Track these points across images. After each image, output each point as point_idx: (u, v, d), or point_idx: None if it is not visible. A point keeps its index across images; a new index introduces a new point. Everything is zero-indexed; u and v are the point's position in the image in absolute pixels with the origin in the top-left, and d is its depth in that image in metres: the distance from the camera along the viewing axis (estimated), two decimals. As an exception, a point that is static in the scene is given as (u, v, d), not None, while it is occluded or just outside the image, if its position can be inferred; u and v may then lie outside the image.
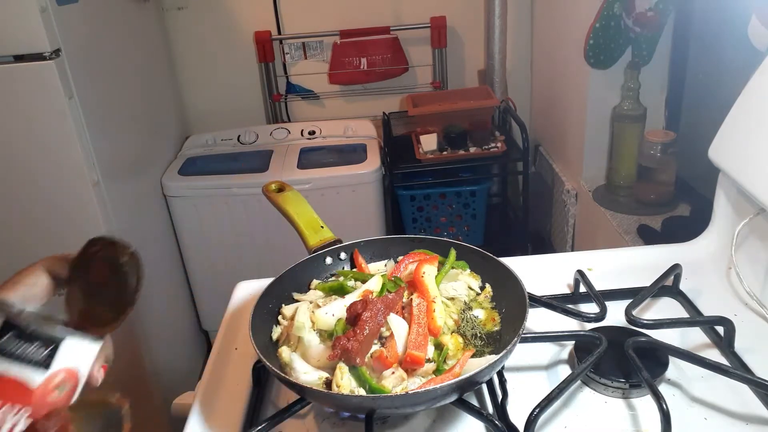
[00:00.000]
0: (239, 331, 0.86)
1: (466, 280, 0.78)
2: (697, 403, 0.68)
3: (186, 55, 2.15)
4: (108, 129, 1.51)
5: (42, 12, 1.26)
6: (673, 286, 0.86)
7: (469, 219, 2.00)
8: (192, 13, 2.10)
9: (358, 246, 0.84)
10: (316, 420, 0.70)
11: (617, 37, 1.53)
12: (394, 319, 0.69)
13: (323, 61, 2.18)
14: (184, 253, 1.93)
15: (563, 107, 1.90)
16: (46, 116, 1.34)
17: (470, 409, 0.66)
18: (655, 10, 1.46)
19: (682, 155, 1.48)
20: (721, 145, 0.89)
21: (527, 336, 0.74)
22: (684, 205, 1.51)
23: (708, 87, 1.47)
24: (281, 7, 2.10)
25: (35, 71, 1.30)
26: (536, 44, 2.15)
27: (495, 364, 0.62)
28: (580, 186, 1.76)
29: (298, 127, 2.09)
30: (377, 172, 1.86)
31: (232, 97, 2.23)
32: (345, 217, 1.83)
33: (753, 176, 0.81)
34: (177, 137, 2.09)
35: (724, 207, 0.92)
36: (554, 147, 2.05)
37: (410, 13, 2.11)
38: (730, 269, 0.88)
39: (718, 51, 1.41)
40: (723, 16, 1.36)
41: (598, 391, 0.71)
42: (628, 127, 1.57)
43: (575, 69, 1.71)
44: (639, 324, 0.75)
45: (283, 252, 1.01)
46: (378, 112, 2.15)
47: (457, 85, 2.24)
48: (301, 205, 0.86)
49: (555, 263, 0.97)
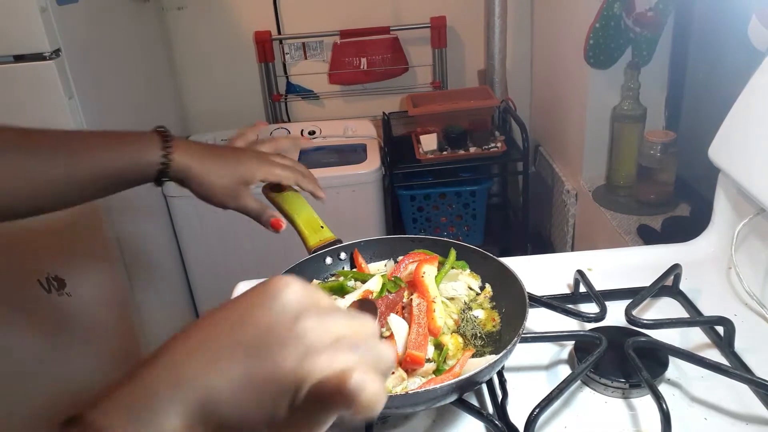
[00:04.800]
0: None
1: (465, 280, 0.78)
2: (697, 403, 0.68)
3: (186, 55, 2.15)
4: (108, 129, 1.51)
5: (42, 12, 1.26)
6: (673, 286, 0.86)
7: (469, 219, 2.00)
8: (192, 13, 2.10)
9: (358, 246, 0.84)
10: (316, 420, 0.70)
11: (617, 37, 1.53)
12: (394, 319, 0.69)
13: (323, 61, 2.18)
14: (184, 253, 1.93)
15: (563, 107, 1.90)
16: (46, 116, 1.34)
17: (470, 409, 0.66)
18: (655, 10, 1.46)
19: (682, 155, 1.48)
20: (721, 145, 0.89)
21: (527, 336, 0.73)
22: (684, 205, 1.51)
23: (708, 87, 1.47)
24: (281, 7, 2.10)
25: (35, 71, 1.30)
26: (536, 44, 2.15)
27: (495, 364, 0.62)
28: (580, 186, 1.76)
29: (298, 127, 2.09)
30: (377, 172, 1.86)
31: (232, 97, 2.23)
32: (345, 217, 1.83)
33: (753, 176, 0.82)
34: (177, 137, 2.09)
35: (724, 207, 0.92)
36: (554, 147, 2.05)
37: (410, 13, 2.11)
38: (730, 269, 0.88)
39: (718, 51, 1.41)
40: (723, 16, 1.36)
41: (598, 391, 0.71)
42: (628, 127, 1.57)
43: (575, 69, 1.71)
44: (639, 324, 0.75)
45: (283, 252, 1.02)
46: (378, 112, 2.15)
47: (457, 85, 2.24)
48: (301, 205, 0.86)
49: (555, 263, 0.97)
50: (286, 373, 0.34)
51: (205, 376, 0.34)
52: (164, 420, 0.32)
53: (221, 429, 0.34)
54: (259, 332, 0.35)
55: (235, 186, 0.78)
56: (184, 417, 0.33)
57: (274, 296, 0.37)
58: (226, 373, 0.34)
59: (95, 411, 0.33)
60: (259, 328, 0.35)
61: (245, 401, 0.34)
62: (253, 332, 0.35)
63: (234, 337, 0.35)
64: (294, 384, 0.34)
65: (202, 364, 0.34)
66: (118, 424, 0.32)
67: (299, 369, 0.34)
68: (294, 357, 0.34)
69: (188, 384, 0.34)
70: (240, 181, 0.78)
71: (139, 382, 0.34)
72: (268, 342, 0.35)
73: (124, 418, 0.32)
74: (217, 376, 0.34)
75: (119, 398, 0.33)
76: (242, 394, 0.34)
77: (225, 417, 0.34)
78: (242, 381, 0.34)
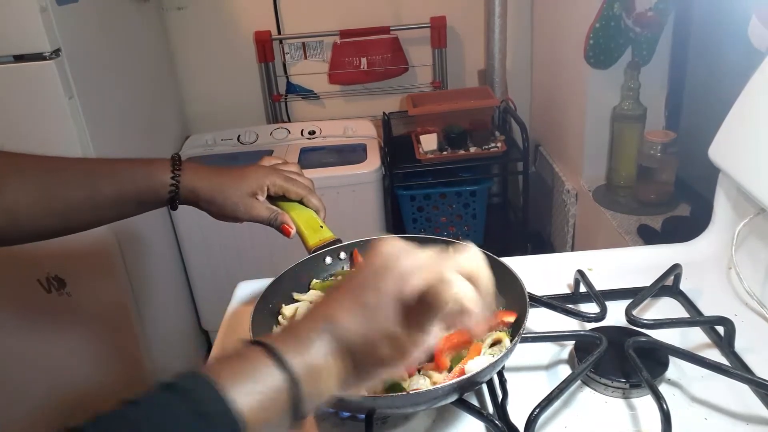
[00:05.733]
0: (239, 331, 0.86)
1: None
2: (697, 403, 0.68)
3: (186, 55, 2.15)
4: (108, 129, 1.51)
5: (42, 12, 1.26)
6: (673, 286, 0.86)
7: (469, 219, 2.00)
8: (192, 13, 2.10)
9: (357, 246, 0.84)
10: (316, 420, 0.70)
11: (617, 37, 1.53)
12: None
13: (323, 61, 2.18)
14: (185, 253, 1.93)
15: (563, 107, 1.90)
16: (46, 116, 1.33)
17: (470, 409, 0.66)
18: (655, 10, 1.46)
19: (682, 155, 1.48)
20: (721, 145, 0.89)
21: (527, 336, 0.74)
22: (684, 205, 1.51)
23: (708, 87, 1.47)
24: (281, 7, 2.10)
25: (35, 71, 1.29)
26: (536, 44, 2.15)
27: (495, 364, 0.62)
28: (580, 186, 1.76)
29: (298, 127, 2.09)
30: (377, 172, 1.86)
31: (232, 97, 2.23)
32: (345, 217, 1.83)
33: (753, 176, 0.82)
34: (177, 137, 2.09)
35: (724, 207, 0.92)
36: (554, 147, 2.05)
37: (410, 13, 2.11)
38: (730, 269, 0.88)
39: (718, 51, 1.41)
40: (723, 16, 1.36)
41: (598, 391, 0.71)
42: (628, 127, 1.57)
43: (575, 69, 1.71)
44: (639, 324, 0.75)
45: (283, 252, 1.01)
46: (378, 112, 2.15)
47: (457, 85, 2.23)
48: (300, 205, 0.86)
49: (555, 263, 0.97)
50: (389, 296, 0.47)
51: (336, 312, 0.48)
52: (319, 346, 0.47)
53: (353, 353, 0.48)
54: (370, 277, 0.49)
55: (245, 200, 0.80)
56: (330, 344, 0.47)
57: (376, 252, 0.50)
58: (350, 309, 0.48)
59: (270, 339, 0.47)
60: (368, 275, 0.49)
61: (361, 325, 0.48)
62: (365, 279, 0.50)
63: (354, 284, 0.50)
64: (398, 302, 0.47)
65: (335, 303, 0.49)
66: (288, 347, 0.46)
67: (397, 290, 0.47)
68: (392, 283, 0.48)
69: (325, 318, 0.48)
70: (248, 194, 0.81)
71: (303, 322, 0.49)
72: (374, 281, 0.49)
73: (291, 342, 0.47)
74: (344, 310, 0.48)
75: (289, 331, 0.49)
76: (359, 321, 0.48)
77: (353, 344, 0.47)
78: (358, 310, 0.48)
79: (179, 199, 0.80)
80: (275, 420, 0.44)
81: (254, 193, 0.81)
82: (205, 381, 0.42)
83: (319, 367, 0.46)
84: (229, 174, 0.82)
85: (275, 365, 0.44)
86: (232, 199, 0.80)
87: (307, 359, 0.46)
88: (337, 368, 0.47)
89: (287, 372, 0.44)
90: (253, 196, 0.81)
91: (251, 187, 0.81)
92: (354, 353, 0.48)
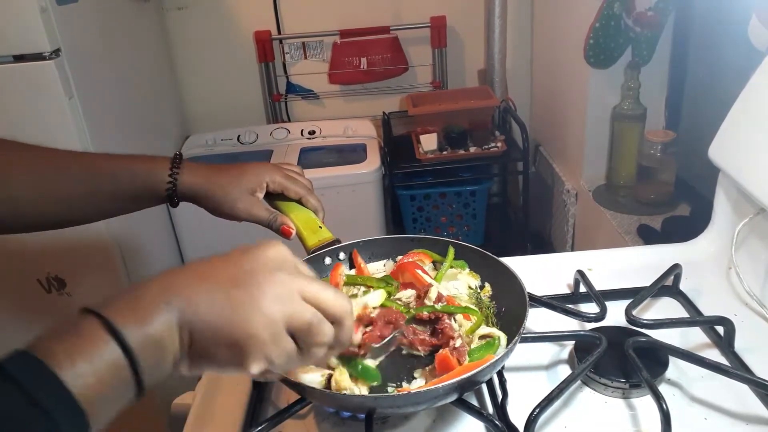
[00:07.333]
0: (239, 331, 0.86)
1: (465, 280, 0.78)
2: (697, 403, 0.68)
3: (186, 55, 2.15)
4: (108, 129, 1.51)
5: (42, 12, 1.26)
6: (673, 286, 0.86)
7: (469, 219, 2.00)
8: (192, 13, 2.10)
9: (356, 246, 0.84)
10: (316, 420, 0.70)
11: (617, 37, 1.53)
12: None
13: (323, 61, 2.18)
14: (185, 253, 1.93)
15: (563, 107, 1.90)
16: (46, 116, 1.33)
17: (470, 409, 0.66)
18: (655, 10, 1.46)
19: (682, 155, 1.48)
20: (721, 145, 0.89)
21: (527, 336, 0.73)
22: (684, 205, 1.51)
23: (708, 87, 1.47)
24: (281, 6, 2.10)
25: (35, 71, 1.29)
26: (536, 44, 2.15)
27: (495, 364, 0.62)
28: (580, 186, 1.76)
29: (298, 127, 2.09)
30: (377, 171, 1.86)
31: (232, 97, 2.22)
32: (345, 217, 1.83)
33: (753, 176, 0.82)
34: (177, 137, 2.09)
35: (724, 207, 0.92)
36: (554, 147, 2.05)
37: (410, 13, 2.11)
38: (730, 269, 0.88)
39: (718, 51, 1.40)
40: (723, 16, 1.36)
41: (598, 391, 0.71)
42: (628, 126, 1.57)
43: (575, 69, 1.71)
44: (639, 324, 0.75)
45: (283, 252, 1.02)
46: (378, 112, 2.15)
47: (457, 85, 2.23)
48: (299, 205, 0.86)
49: (555, 263, 0.97)
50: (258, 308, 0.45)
51: (190, 288, 0.45)
52: (156, 317, 0.43)
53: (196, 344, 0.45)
54: (243, 272, 0.47)
55: (244, 198, 0.80)
56: (170, 317, 0.44)
57: (261, 251, 0.48)
58: (208, 292, 0.45)
59: (110, 308, 0.43)
60: (243, 270, 0.47)
61: (217, 318, 0.45)
62: (236, 272, 0.47)
63: (221, 271, 0.47)
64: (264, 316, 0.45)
65: (190, 280, 0.46)
66: (127, 319, 0.42)
67: (267, 310, 0.45)
68: (267, 299, 0.45)
69: (176, 291, 0.45)
70: (247, 190, 0.81)
71: (139, 289, 0.45)
72: (247, 281, 0.46)
73: (131, 313, 0.43)
74: (201, 291, 0.45)
75: (123, 299, 0.44)
76: (216, 312, 0.45)
77: (199, 330, 0.45)
78: (220, 301, 0.45)
79: (177, 196, 0.79)
80: (114, 395, 0.42)
81: (253, 190, 0.81)
82: (37, 364, 0.39)
83: (162, 342, 0.44)
84: (228, 171, 0.82)
85: (113, 339, 0.41)
86: (231, 195, 0.80)
87: (147, 331, 0.43)
88: (178, 346, 0.45)
89: (125, 347, 0.42)
90: (252, 193, 0.81)
91: (250, 184, 0.81)
92: (195, 341, 0.45)
